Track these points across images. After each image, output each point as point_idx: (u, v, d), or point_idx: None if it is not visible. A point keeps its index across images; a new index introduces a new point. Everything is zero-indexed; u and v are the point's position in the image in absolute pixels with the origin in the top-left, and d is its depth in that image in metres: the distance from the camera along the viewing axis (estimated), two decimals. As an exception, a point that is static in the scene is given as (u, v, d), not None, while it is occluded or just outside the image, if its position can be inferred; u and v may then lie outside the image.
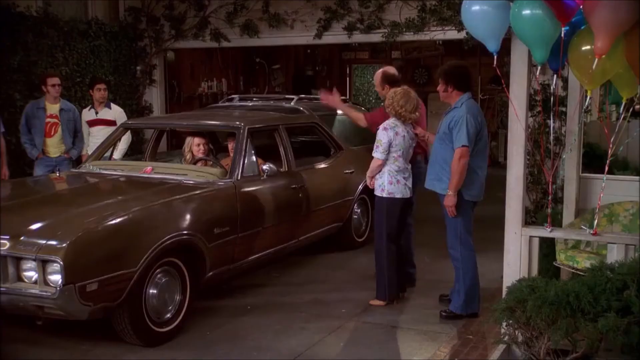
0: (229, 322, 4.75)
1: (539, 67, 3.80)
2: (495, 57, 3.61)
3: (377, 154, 4.91)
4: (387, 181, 4.93)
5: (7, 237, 3.85)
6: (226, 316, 4.87)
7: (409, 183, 5.02)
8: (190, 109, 9.68)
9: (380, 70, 5.67)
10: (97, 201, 4.44)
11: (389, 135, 4.88)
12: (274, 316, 4.89)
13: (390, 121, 4.96)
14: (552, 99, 4.81)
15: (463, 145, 4.51)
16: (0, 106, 6.82)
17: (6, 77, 6.90)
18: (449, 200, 4.62)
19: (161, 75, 9.15)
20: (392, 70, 5.75)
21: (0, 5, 6.77)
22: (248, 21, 8.21)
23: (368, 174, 5.06)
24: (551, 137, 4.46)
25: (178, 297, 4.46)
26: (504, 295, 3.49)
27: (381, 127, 4.95)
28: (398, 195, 4.95)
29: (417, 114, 4.96)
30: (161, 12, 8.69)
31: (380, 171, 4.96)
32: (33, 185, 5.51)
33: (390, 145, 4.89)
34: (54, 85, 6.53)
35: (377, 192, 5.01)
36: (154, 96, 9.05)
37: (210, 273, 4.69)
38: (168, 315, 4.39)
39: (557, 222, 4.65)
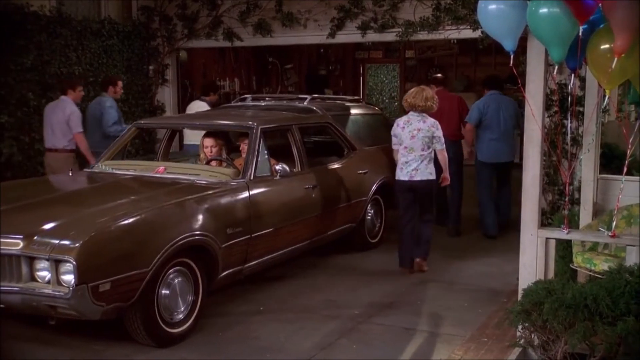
0: (241, 323, 4.76)
1: (556, 67, 3.78)
2: (511, 56, 3.59)
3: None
4: (397, 168, 5.89)
5: (21, 236, 3.88)
6: (238, 317, 4.88)
7: (410, 169, 5.77)
8: (203, 109, 9.70)
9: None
10: (110, 201, 4.46)
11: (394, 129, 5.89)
12: (286, 317, 4.89)
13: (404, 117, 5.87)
14: (569, 98, 4.78)
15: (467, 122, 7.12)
16: (14, 105, 6.88)
17: (20, 76, 6.95)
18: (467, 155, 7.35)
19: (174, 74, 9.19)
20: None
21: (14, 5, 6.82)
22: (261, 20, 8.22)
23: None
24: (568, 138, 4.44)
25: (190, 298, 4.47)
26: (519, 298, 3.47)
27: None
28: (401, 179, 5.82)
29: (427, 105, 5.73)
30: (174, 11, 8.73)
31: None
32: (46, 185, 5.54)
33: (396, 137, 5.86)
34: (121, 87, 7.38)
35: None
36: (167, 96, 9.09)
37: (223, 274, 4.71)
38: (180, 315, 4.41)
39: (574, 224, 4.61)
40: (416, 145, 5.70)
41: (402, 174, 5.79)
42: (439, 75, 8.04)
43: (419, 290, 5.53)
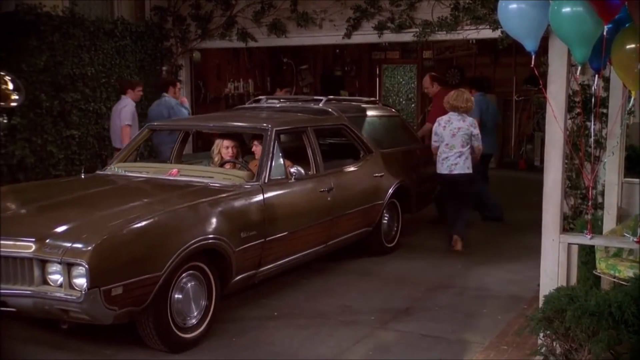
0: (255, 328, 4.76)
1: (579, 67, 3.73)
2: (532, 56, 3.56)
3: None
4: (438, 163, 6.68)
5: (33, 239, 3.90)
6: (252, 322, 4.88)
7: (449, 163, 6.57)
8: (217, 110, 9.75)
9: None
10: (123, 204, 4.48)
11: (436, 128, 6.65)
12: (301, 323, 4.88)
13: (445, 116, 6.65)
14: (592, 100, 4.73)
15: None
16: (27, 107, 6.94)
17: (32, 77, 7.01)
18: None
19: (187, 75, 9.23)
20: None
21: (27, 5, 6.89)
22: (276, 20, 8.24)
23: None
24: (591, 140, 4.39)
25: (203, 302, 4.48)
26: (540, 305, 3.44)
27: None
28: (442, 172, 6.66)
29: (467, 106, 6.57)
30: (187, 11, 8.78)
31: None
32: (58, 187, 5.57)
33: (438, 135, 6.63)
34: (179, 89, 8.08)
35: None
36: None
37: (237, 278, 4.71)
38: (193, 320, 4.42)
39: (597, 229, 4.56)
40: (456, 143, 6.52)
41: (442, 168, 6.62)
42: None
43: (436, 296, 5.50)
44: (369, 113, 7.13)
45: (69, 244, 3.82)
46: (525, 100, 13.05)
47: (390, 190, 6.52)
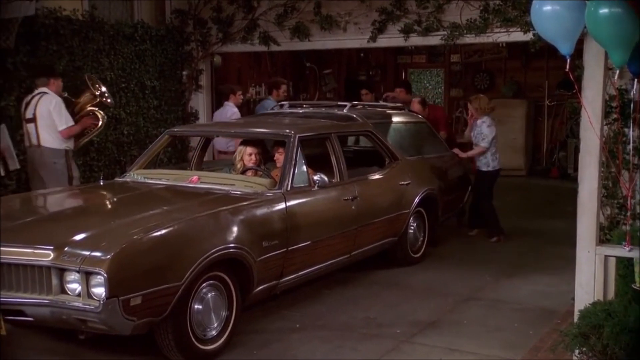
0: (276, 341, 4.75)
1: (617, 71, 3.68)
2: (568, 60, 3.52)
3: (485, 143, 7.37)
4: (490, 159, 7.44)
5: (52, 247, 3.93)
6: (274, 334, 4.87)
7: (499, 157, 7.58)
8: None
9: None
10: (142, 211, 4.50)
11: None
12: (324, 335, 4.86)
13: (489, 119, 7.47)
14: (631, 105, 4.65)
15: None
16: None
17: (52, 82, 7.08)
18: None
19: (208, 80, 9.26)
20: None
21: (47, 9, 6.98)
22: (299, 23, 8.24)
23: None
24: (630, 147, 4.30)
25: (224, 313, 4.48)
26: (575, 320, 3.39)
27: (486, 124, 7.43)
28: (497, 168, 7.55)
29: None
30: (208, 14, 8.81)
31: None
32: (77, 195, 5.64)
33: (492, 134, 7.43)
34: (284, 91, 8.77)
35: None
36: (200, 102, 9.16)
37: (258, 288, 4.70)
38: (213, 332, 4.41)
39: (636, 241, 4.47)
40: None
41: (498, 164, 7.47)
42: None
43: (465, 309, 5.45)
44: (395, 119, 7.10)
45: (87, 253, 3.83)
46: (558, 106, 12.92)
47: (417, 199, 6.47)
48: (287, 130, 5.46)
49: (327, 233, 5.32)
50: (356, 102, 7.28)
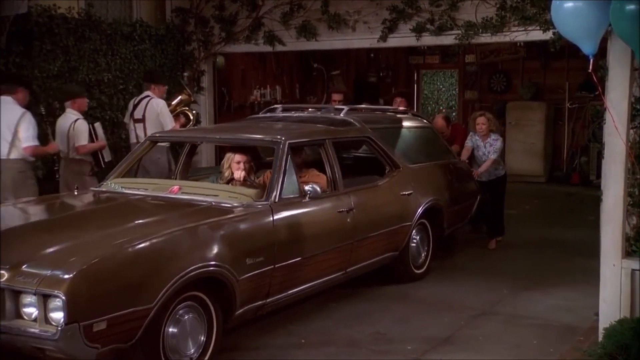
0: (281, 357, 4.70)
1: (645, 72, 3.63)
2: (590, 60, 3.46)
3: (495, 155, 7.60)
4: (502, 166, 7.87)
5: (7, 266, 3.71)
6: (277, 350, 4.82)
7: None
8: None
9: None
10: (113, 225, 4.34)
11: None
12: (330, 351, 4.81)
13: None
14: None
15: None
16: (39, 116, 6.98)
17: (45, 84, 7.08)
18: None
19: (210, 82, 9.27)
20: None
21: (41, 7, 6.97)
22: (305, 22, 8.22)
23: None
24: (657, 153, 4.23)
25: (202, 338, 4.30)
26: (600, 338, 3.32)
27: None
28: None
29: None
30: (211, 12, 8.82)
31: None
32: (45, 207, 5.40)
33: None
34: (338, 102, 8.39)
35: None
36: (202, 105, 9.17)
37: (241, 310, 4.51)
38: (190, 358, 4.22)
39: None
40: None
41: (502, 169, 7.81)
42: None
43: (480, 324, 5.39)
44: (397, 124, 6.97)
45: (46, 272, 3.60)
46: (580, 108, 12.84)
47: (420, 210, 6.31)
48: (277, 136, 5.30)
49: (319, 248, 5.15)
50: (361, 105, 7.18)
